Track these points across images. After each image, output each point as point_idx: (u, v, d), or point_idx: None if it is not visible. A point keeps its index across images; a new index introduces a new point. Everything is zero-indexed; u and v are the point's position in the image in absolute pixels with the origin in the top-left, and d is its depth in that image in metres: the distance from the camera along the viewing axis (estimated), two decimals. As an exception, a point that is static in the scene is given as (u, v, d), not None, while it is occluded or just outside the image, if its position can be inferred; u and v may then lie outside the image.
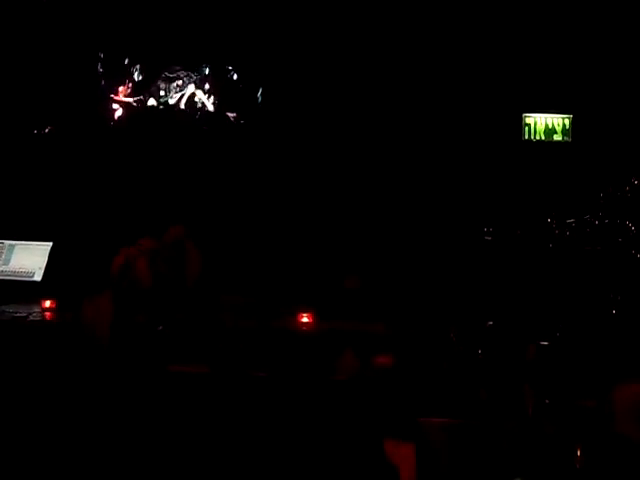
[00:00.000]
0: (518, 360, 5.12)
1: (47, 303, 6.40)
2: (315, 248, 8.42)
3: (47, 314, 6.33)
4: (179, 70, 10.13)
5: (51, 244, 7.03)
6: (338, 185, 9.05)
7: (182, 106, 10.07)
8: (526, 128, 9.72)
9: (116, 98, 9.91)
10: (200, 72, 10.18)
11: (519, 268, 7.82)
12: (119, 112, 9.93)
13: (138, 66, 10.01)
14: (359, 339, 5.60)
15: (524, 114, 9.67)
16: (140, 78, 10.03)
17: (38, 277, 6.90)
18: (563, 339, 5.92)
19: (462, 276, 7.75)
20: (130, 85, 9.98)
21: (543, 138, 9.66)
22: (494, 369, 5.09)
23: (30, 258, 6.98)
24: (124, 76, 9.94)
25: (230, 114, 9.99)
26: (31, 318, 6.17)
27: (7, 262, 7.03)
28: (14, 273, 6.96)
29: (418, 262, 8.12)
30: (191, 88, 10.12)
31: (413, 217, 8.75)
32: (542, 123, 9.69)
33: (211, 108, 10.09)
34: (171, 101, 10.12)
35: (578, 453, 3.69)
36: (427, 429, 4.19)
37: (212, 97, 10.09)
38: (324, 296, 6.99)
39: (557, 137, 9.68)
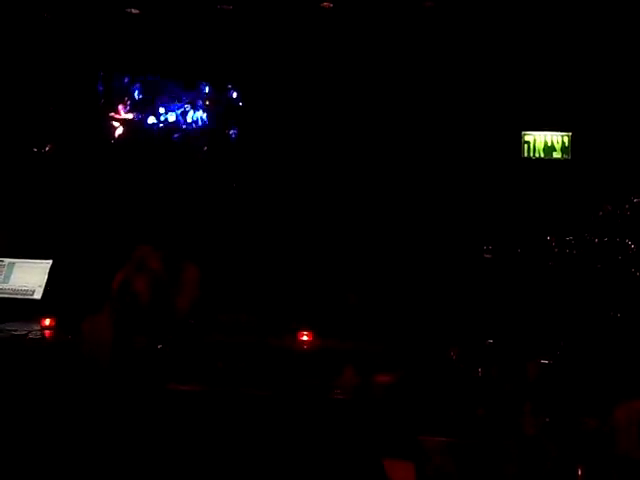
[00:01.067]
0: (519, 378, 5.11)
1: (47, 321, 6.38)
2: (313, 266, 8.42)
3: (47, 332, 6.31)
4: (178, 88, 10.18)
5: (51, 262, 7.01)
6: (337, 202, 9.06)
7: (182, 124, 10.11)
8: (525, 146, 9.73)
9: (116, 116, 9.94)
10: (199, 90, 10.23)
11: (519, 286, 7.82)
12: (119, 130, 9.96)
13: (138, 84, 10.06)
14: (359, 357, 5.59)
15: (523, 132, 9.68)
16: (140, 96, 10.07)
17: (38, 295, 6.89)
18: (564, 357, 5.91)
19: (462, 294, 7.75)
20: (130, 103, 10.01)
21: (542, 156, 9.67)
22: (494, 387, 5.08)
23: (30, 276, 6.97)
24: (124, 94, 9.99)
25: (229, 132, 10.02)
26: (31, 336, 6.15)
27: (7, 280, 7.01)
28: (14, 291, 6.95)
29: (418, 280, 8.11)
30: (190, 106, 10.16)
31: (412, 235, 8.76)
32: (541, 141, 9.70)
33: (210, 126, 10.12)
34: (171, 119, 10.16)
35: (579, 472, 3.68)
36: (427, 448, 4.18)
37: (211, 115, 10.13)
38: (323, 314, 6.98)
39: (556, 155, 9.69)
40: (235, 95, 10.22)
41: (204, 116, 10.13)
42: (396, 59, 9.40)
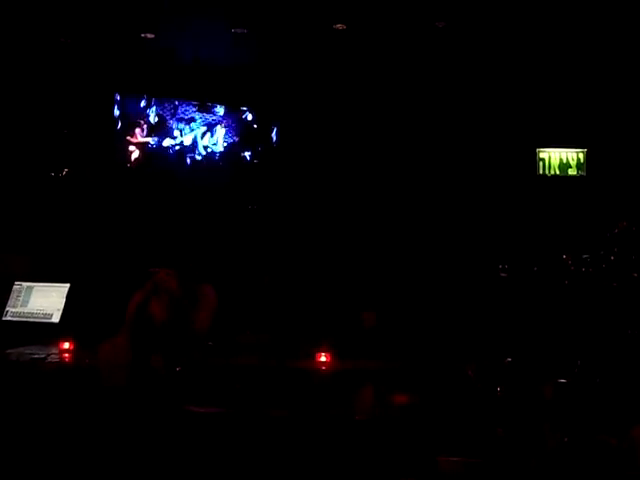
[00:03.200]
0: (537, 397, 5.09)
1: (65, 345, 6.42)
2: (329, 285, 8.42)
3: (65, 355, 6.34)
4: (194, 110, 10.26)
5: (69, 285, 7.06)
6: (353, 222, 9.08)
7: (197, 146, 10.18)
8: (540, 163, 9.73)
9: (132, 140, 10.03)
10: (214, 112, 10.31)
11: (536, 304, 7.78)
12: (136, 154, 10.05)
13: (154, 107, 10.15)
14: (377, 377, 5.58)
15: (538, 149, 9.69)
16: (156, 120, 10.17)
17: (56, 318, 6.93)
18: (582, 376, 5.88)
19: (479, 313, 7.72)
20: (146, 127, 10.10)
21: (558, 173, 9.67)
22: (513, 407, 5.06)
23: (48, 299, 7.02)
24: (140, 118, 10.08)
25: (245, 154, 10.08)
26: (49, 360, 6.19)
27: (26, 304, 7.06)
28: (32, 315, 6.99)
29: (434, 299, 8.09)
30: (206, 128, 10.25)
31: (429, 253, 8.75)
32: (556, 157, 9.71)
33: (225, 148, 10.19)
34: (187, 141, 10.24)
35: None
36: (446, 468, 4.16)
37: (227, 137, 10.21)
38: (340, 333, 6.98)
39: (572, 171, 9.70)
40: (250, 117, 10.30)
41: (220, 138, 10.21)
42: (411, 78, 9.44)
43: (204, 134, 10.26)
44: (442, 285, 8.34)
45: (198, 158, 10.17)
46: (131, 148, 10.03)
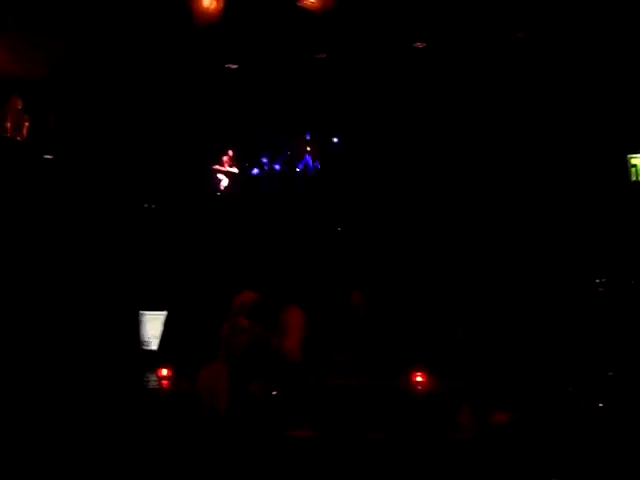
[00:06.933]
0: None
1: (164, 371, 6.52)
2: (420, 304, 8.34)
3: (164, 382, 6.45)
4: (280, 138, 10.39)
5: (165, 313, 7.16)
6: (439, 241, 8.97)
7: (285, 173, 10.30)
8: (633, 169, 9.43)
9: (221, 169, 10.21)
10: (301, 139, 10.41)
11: (635, 318, 7.53)
12: (224, 182, 10.22)
13: (241, 136, 10.31)
14: (475, 395, 5.51)
15: (629, 155, 9.39)
16: (243, 148, 10.32)
17: (154, 346, 7.05)
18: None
19: (578, 328, 7.51)
20: (233, 155, 10.27)
21: (652, 179, 9.34)
22: (616, 422, 4.93)
23: (147, 327, 7.15)
24: (228, 147, 10.26)
25: (332, 178, 10.13)
26: (149, 387, 6.30)
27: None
28: (133, 342, 7.09)
29: (532, 316, 7.90)
30: (293, 154, 10.36)
31: (522, 270, 8.54)
32: (649, 163, 9.40)
33: (313, 173, 10.27)
34: (275, 168, 10.39)
35: None
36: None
37: (314, 162, 10.30)
38: (433, 351, 6.91)
39: (667, 177, 9.36)
40: (336, 141, 10.36)
41: (307, 163, 10.30)
42: (491, 89, 9.32)
43: (291, 161, 10.38)
44: (540, 302, 8.12)
45: (285, 184, 10.27)
46: (220, 177, 10.21)
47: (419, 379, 6.24)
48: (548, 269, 8.45)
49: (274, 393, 5.48)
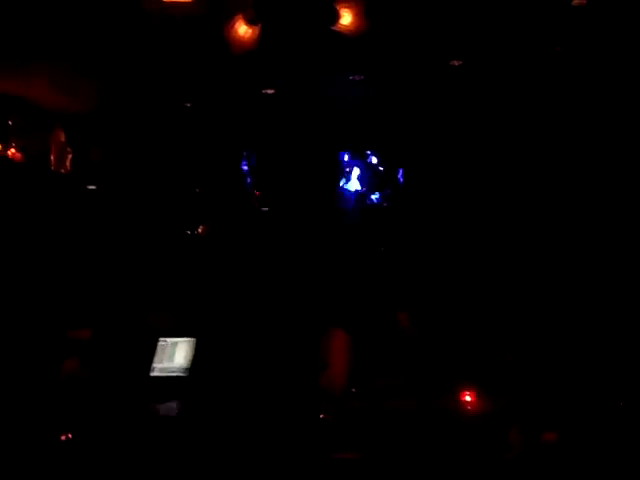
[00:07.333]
0: None
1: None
2: (466, 325, 8.26)
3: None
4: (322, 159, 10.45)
5: (195, 340, 7.11)
6: (488, 263, 8.88)
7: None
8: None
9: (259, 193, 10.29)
10: (339, 158, 10.46)
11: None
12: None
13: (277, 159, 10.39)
14: (524, 415, 5.45)
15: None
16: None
17: (185, 372, 6.98)
18: None
19: (626, 345, 7.35)
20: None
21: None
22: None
23: (179, 354, 7.10)
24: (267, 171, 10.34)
25: (372, 197, 10.14)
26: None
27: (171, 359, 7.18)
28: (167, 369, 7.04)
29: (580, 333, 7.75)
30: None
31: (572, 293, 8.37)
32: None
33: (356, 191, 10.29)
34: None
35: None
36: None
37: (353, 183, 10.32)
38: (482, 373, 6.84)
39: None
40: (375, 160, 10.39)
41: (349, 184, 10.33)
42: (537, 105, 9.21)
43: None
44: (584, 321, 7.97)
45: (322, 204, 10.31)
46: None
47: (468, 399, 6.20)
48: (595, 293, 8.28)
49: (321, 416, 5.49)
